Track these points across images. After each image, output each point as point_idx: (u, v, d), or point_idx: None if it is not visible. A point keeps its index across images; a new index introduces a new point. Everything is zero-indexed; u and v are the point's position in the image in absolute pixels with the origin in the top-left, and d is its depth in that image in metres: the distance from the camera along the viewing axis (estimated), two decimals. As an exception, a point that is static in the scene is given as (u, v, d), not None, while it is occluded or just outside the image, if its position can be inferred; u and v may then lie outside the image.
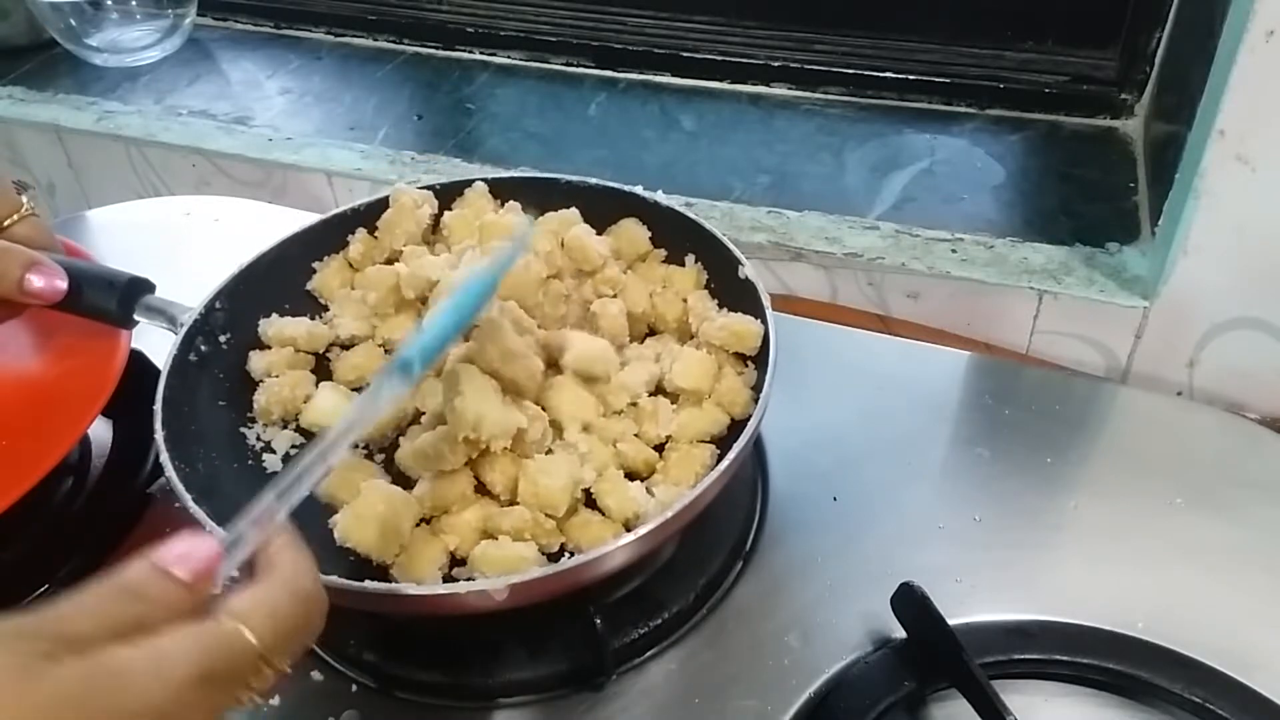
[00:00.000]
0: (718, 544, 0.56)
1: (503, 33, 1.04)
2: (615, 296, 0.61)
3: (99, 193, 1.07)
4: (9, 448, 0.56)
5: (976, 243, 0.76)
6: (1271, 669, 0.50)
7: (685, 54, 0.97)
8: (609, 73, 1.01)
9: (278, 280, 0.64)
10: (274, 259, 0.63)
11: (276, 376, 0.59)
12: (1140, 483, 0.60)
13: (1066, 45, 0.88)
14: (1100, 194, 0.80)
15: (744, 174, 0.85)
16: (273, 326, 0.61)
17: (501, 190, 0.67)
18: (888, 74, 0.92)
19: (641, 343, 0.61)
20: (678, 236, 0.63)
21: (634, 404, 0.56)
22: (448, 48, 1.07)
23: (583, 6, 1.02)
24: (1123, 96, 0.86)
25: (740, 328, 0.57)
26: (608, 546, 0.45)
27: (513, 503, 0.51)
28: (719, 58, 0.96)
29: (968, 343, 0.77)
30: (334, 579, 0.43)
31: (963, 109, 0.91)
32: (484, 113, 0.97)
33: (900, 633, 0.51)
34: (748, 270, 0.58)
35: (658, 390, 0.57)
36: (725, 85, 0.97)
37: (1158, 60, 0.83)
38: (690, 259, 0.63)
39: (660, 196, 0.64)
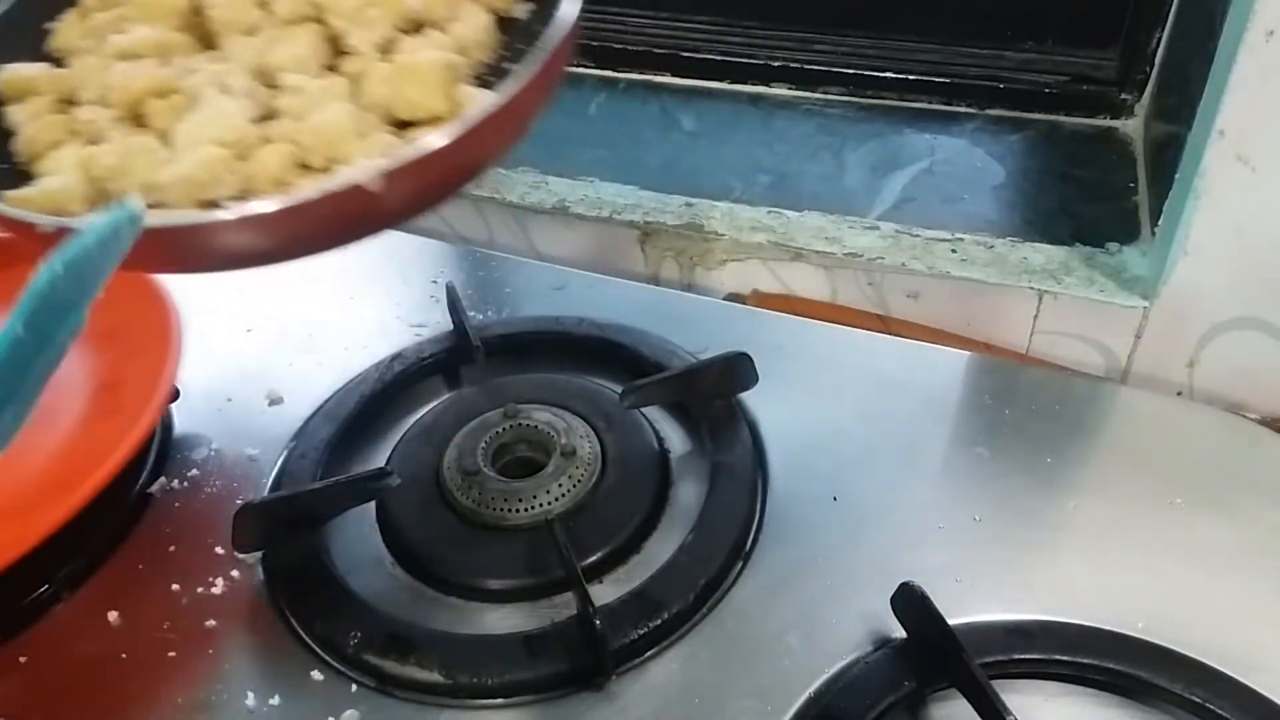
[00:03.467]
0: (718, 544, 0.56)
1: (503, 33, 1.04)
2: None
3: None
4: (76, 444, 0.56)
5: (976, 243, 0.76)
6: (1271, 669, 0.50)
7: (685, 54, 0.97)
8: (609, 72, 1.01)
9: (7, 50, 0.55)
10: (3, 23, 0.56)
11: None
12: (1140, 483, 0.60)
13: (1066, 45, 0.88)
14: (1100, 194, 0.80)
15: (744, 174, 0.85)
16: (7, 72, 0.53)
17: None
18: (888, 74, 0.92)
19: None
20: None
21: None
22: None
23: (583, 6, 1.02)
24: (1123, 96, 0.86)
25: None
26: (470, 118, 0.42)
27: None
28: (719, 58, 0.96)
29: (968, 343, 0.77)
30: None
31: (963, 109, 0.91)
32: (484, 112, 0.97)
33: (900, 633, 0.51)
34: None
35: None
36: (725, 85, 0.97)
37: (1158, 60, 0.83)
38: None
39: None
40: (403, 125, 0.49)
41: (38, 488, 0.57)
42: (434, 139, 0.43)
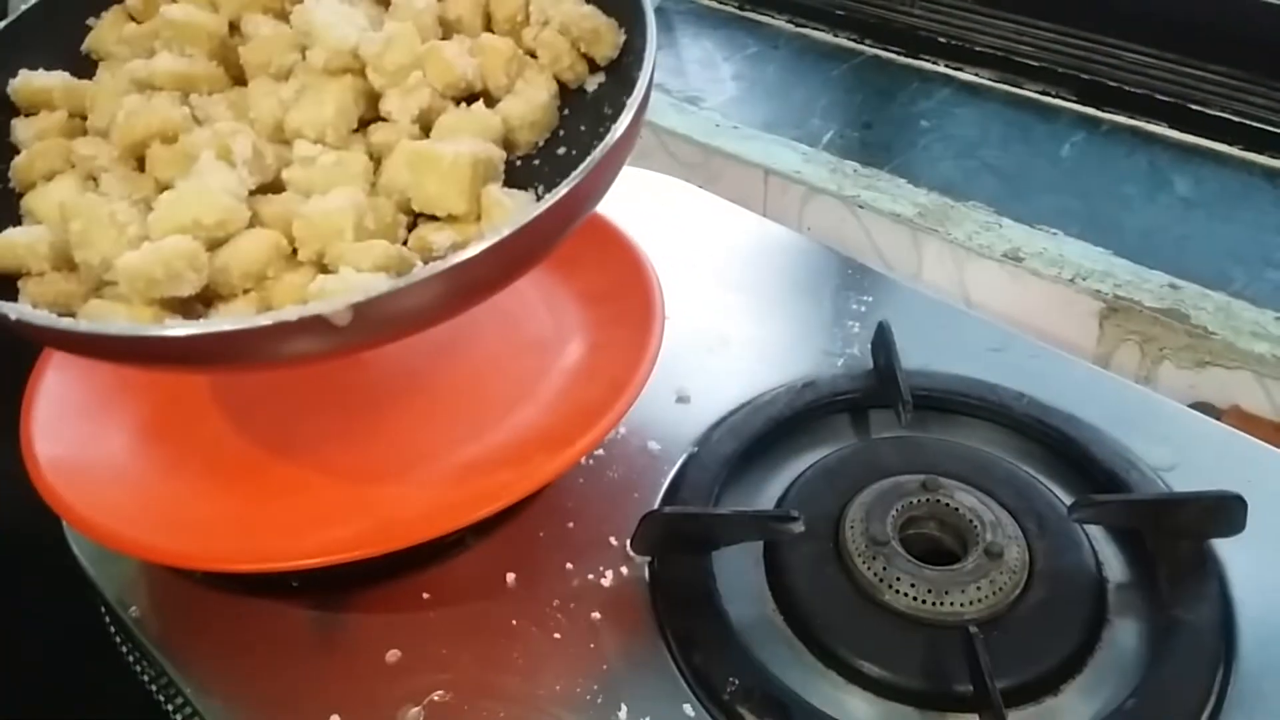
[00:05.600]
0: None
1: (975, 47, 0.97)
2: None
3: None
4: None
5: None
6: None
7: (1192, 106, 0.85)
8: (1092, 110, 0.90)
9: (47, 44, 0.54)
10: (43, 12, 0.54)
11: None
12: None
13: None
14: None
15: (1250, 263, 0.72)
16: (22, 80, 0.51)
17: None
18: None
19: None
20: None
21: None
22: (911, 54, 1.01)
23: (1073, 31, 0.92)
24: None
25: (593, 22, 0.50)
26: (468, 252, 0.39)
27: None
28: (1234, 117, 0.83)
29: None
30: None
31: None
32: (939, 132, 0.91)
33: None
34: None
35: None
36: (1237, 151, 0.83)
37: None
38: None
39: None
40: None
41: (533, 440, 0.58)
42: (421, 271, 0.39)
